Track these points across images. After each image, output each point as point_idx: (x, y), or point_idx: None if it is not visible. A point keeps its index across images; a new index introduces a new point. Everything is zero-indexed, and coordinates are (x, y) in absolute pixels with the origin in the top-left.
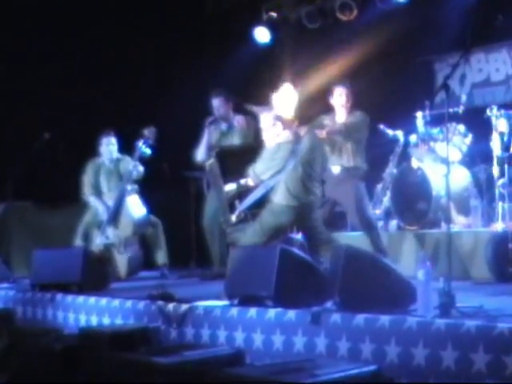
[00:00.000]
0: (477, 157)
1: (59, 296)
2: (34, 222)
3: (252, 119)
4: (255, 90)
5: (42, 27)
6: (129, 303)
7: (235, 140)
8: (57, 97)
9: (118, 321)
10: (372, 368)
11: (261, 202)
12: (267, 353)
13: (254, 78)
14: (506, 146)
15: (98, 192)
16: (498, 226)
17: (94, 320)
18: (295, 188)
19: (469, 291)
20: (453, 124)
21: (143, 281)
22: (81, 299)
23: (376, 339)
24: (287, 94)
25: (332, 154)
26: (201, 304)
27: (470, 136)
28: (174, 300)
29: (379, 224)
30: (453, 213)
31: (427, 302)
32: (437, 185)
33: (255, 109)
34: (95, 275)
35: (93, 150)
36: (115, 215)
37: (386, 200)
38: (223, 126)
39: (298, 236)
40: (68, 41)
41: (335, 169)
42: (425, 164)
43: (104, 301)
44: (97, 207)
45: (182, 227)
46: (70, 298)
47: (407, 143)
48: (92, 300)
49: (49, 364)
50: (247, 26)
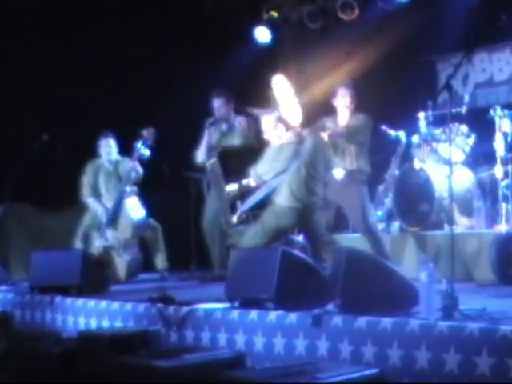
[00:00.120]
0: (480, 157)
1: (58, 299)
2: (33, 224)
3: (253, 120)
4: (255, 91)
5: (42, 27)
6: (128, 306)
7: (236, 141)
8: (57, 97)
9: (118, 324)
10: (374, 371)
11: (263, 203)
12: (268, 356)
13: (255, 79)
14: (510, 147)
15: (97, 194)
16: (502, 228)
17: (94, 323)
18: (298, 190)
19: (472, 293)
20: (455, 124)
21: (143, 283)
22: (80, 302)
23: (378, 342)
24: (281, 86)
25: (335, 157)
26: (201, 307)
27: (473, 136)
28: (174, 303)
29: (381, 226)
30: (456, 214)
31: (430, 305)
32: (439, 186)
33: (256, 111)
34: (95, 278)
35: (92, 151)
36: (114, 217)
37: (388, 201)
38: (223, 127)
39: (300, 238)
40: (68, 41)
41: (338, 172)
42: (427, 165)
43: (103, 304)
44: (96, 209)
45: (182, 229)
46: (69, 301)
47: (409, 144)
48: (91, 303)
49: (47, 368)
50: (248, 26)
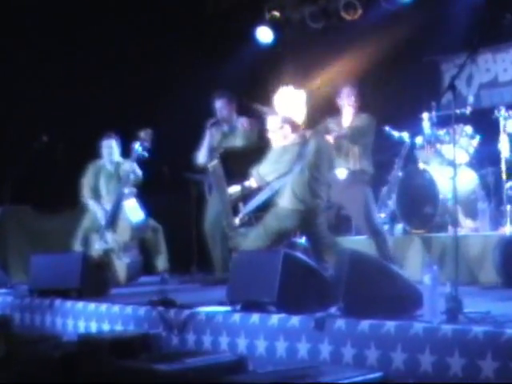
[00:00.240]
0: (484, 159)
1: (58, 302)
2: (33, 227)
3: (256, 121)
4: (257, 91)
5: (42, 27)
6: (129, 309)
7: (238, 142)
8: (57, 97)
9: (118, 327)
10: (377, 375)
11: (265, 206)
12: (270, 360)
13: (256, 79)
14: None
15: (97, 195)
16: (507, 230)
17: (94, 326)
18: (302, 192)
19: (476, 296)
20: (460, 125)
21: (143, 286)
22: (80, 305)
23: (381, 345)
24: (293, 96)
25: (338, 157)
26: (202, 310)
27: (478, 137)
28: (175, 306)
29: (384, 228)
30: (460, 216)
31: (434, 308)
32: (443, 188)
33: (263, 109)
34: (95, 281)
35: (93, 152)
36: (113, 219)
37: (392, 203)
38: (225, 128)
39: (302, 240)
40: (68, 41)
41: (341, 172)
42: (431, 166)
43: (104, 307)
44: (95, 211)
45: (183, 231)
46: (69, 304)
47: (413, 145)
48: (91, 306)
49: (47, 372)
50: (249, 26)
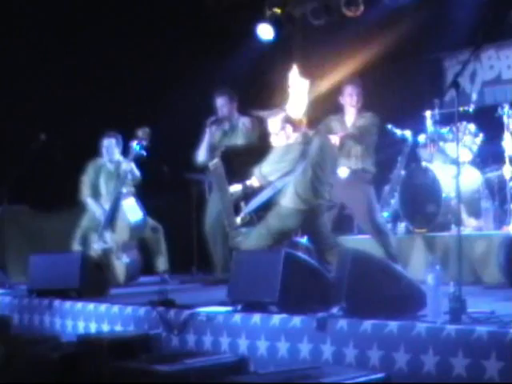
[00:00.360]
0: (488, 157)
1: (57, 302)
2: (31, 227)
3: (257, 120)
4: (258, 89)
5: (42, 27)
6: (129, 309)
7: (238, 140)
8: (57, 97)
9: (118, 328)
10: (380, 376)
11: (268, 205)
12: (272, 360)
13: (257, 77)
14: None
15: (97, 194)
16: (511, 229)
17: (93, 327)
18: (305, 191)
19: (480, 296)
20: (463, 123)
21: (143, 287)
22: (79, 305)
23: (384, 346)
24: (297, 82)
25: (340, 156)
26: (203, 310)
27: (481, 135)
28: (176, 306)
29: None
30: (463, 215)
31: (437, 308)
32: (447, 186)
33: (262, 114)
34: (94, 281)
35: (92, 152)
36: (112, 219)
37: (394, 202)
38: (226, 126)
39: (304, 240)
40: (68, 41)
41: (343, 170)
42: (434, 165)
43: (103, 307)
44: (94, 210)
45: (183, 231)
46: (68, 305)
47: (416, 143)
48: (91, 306)
49: (46, 373)
50: (250, 23)
